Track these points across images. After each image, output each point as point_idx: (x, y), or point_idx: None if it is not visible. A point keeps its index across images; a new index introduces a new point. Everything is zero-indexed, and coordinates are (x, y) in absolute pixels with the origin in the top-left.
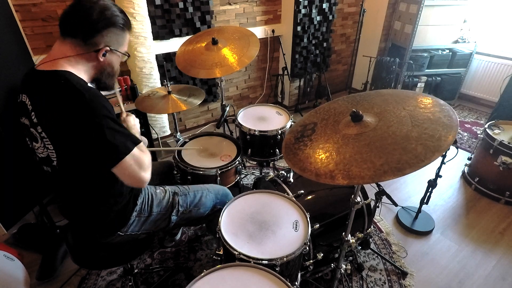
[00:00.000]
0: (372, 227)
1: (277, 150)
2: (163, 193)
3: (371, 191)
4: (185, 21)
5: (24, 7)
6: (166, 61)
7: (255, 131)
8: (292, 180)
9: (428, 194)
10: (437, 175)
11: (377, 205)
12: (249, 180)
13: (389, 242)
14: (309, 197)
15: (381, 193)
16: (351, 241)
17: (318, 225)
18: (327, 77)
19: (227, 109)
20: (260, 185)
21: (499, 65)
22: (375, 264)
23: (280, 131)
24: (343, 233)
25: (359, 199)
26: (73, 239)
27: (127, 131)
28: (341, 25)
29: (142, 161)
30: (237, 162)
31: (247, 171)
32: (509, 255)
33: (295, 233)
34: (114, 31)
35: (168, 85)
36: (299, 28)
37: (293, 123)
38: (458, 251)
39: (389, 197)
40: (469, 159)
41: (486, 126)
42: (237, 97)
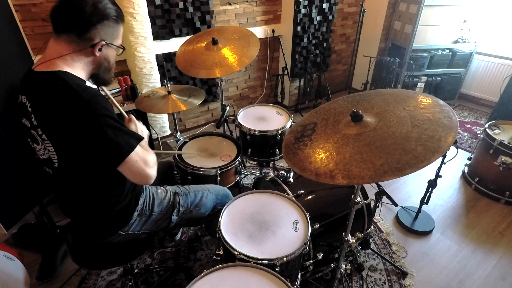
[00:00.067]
0: (372, 227)
1: (277, 150)
2: (164, 193)
3: (371, 191)
4: (185, 21)
5: (24, 7)
6: (166, 61)
7: (255, 131)
8: (292, 180)
9: (428, 194)
10: (437, 175)
11: (377, 205)
12: (249, 180)
13: (389, 242)
14: (309, 197)
15: (381, 193)
16: (351, 241)
17: (318, 225)
18: (327, 77)
19: (227, 109)
20: (260, 185)
21: (499, 65)
22: (375, 264)
23: (280, 131)
24: (343, 233)
25: (359, 199)
26: (73, 239)
27: (128, 129)
28: (341, 25)
29: (147, 157)
30: (237, 162)
31: (247, 171)
32: (509, 255)
33: (295, 233)
34: (108, 24)
35: (168, 85)
36: (299, 28)
37: (293, 123)
38: (458, 251)
39: (389, 197)
40: (469, 159)
41: (486, 126)
42: (237, 97)
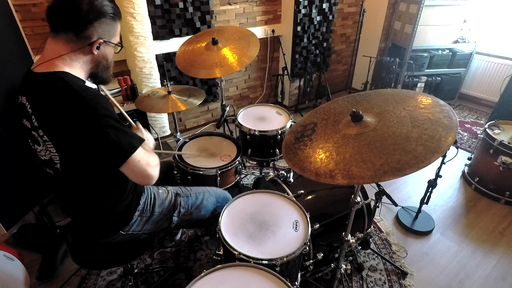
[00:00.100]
0: (372, 227)
1: (277, 150)
2: (165, 193)
3: (371, 191)
4: (185, 21)
5: (24, 7)
6: (166, 61)
7: (255, 131)
8: (292, 180)
9: (428, 194)
10: (437, 175)
11: (377, 205)
12: (249, 180)
13: (389, 242)
14: (309, 197)
15: (381, 193)
16: (351, 241)
17: (318, 225)
18: (327, 77)
19: (227, 109)
20: (260, 185)
21: (499, 65)
22: (375, 264)
23: (280, 131)
24: (343, 233)
25: (359, 199)
26: (73, 239)
27: (130, 130)
28: (341, 25)
29: (149, 158)
30: (237, 162)
31: (247, 171)
32: (509, 255)
33: (295, 233)
34: (105, 22)
35: (168, 85)
36: (299, 28)
37: (293, 123)
38: (458, 251)
39: (389, 197)
40: (469, 159)
41: (486, 126)
42: (237, 97)
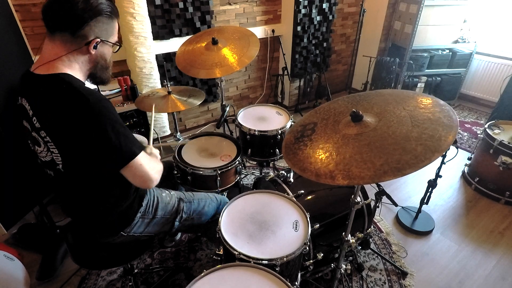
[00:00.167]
0: (372, 227)
1: (277, 150)
2: (168, 197)
3: (371, 191)
4: (185, 21)
5: (24, 7)
6: (166, 61)
7: (255, 131)
8: (292, 180)
9: (428, 194)
10: (437, 175)
11: (377, 205)
12: (249, 180)
13: (389, 242)
14: (309, 197)
15: (381, 193)
16: (351, 241)
17: (318, 225)
18: (327, 77)
19: (227, 109)
20: (260, 185)
21: (499, 65)
22: (375, 264)
23: (280, 131)
24: (343, 233)
25: (359, 199)
26: (74, 239)
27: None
28: (341, 25)
29: (150, 163)
30: (237, 162)
31: (247, 171)
32: (509, 255)
33: (295, 233)
34: (102, 20)
35: (168, 85)
36: (299, 28)
37: (293, 123)
38: (458, 251)
39: (389, 197)
40: (469, 159)
41: (486, 126)
42: (237, 97)
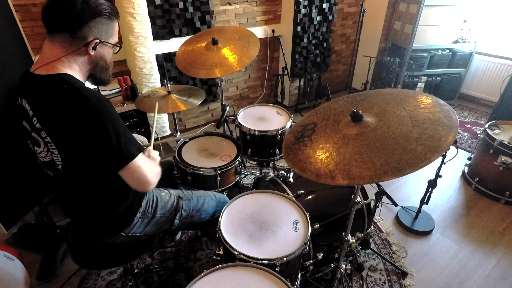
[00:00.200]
0: (372, 227)
1: (277, 150)
2: (168, 196)
3: (371, 191)
4: (185, 21)
5: (24, 7)
6: (166, 61)
7: (255, 131)
8: (292, 180)
9: (428, 194)
10: (437, 175)
11: (377, 205)
12: (249, 180)
13: (389, 242)
14: (309, 197)
15: (381, 193)
16: (351, 241)
17: (318, 225)
18: (327, 77)
19: (227, 109)
20: (260, 185)
21: (499, 65)
22: (375, 264)
23: (280, 131)
24: (343, 233)
25: (359, 199)
26: (74, 239)
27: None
28: (341, 25)
29: (148, 166)
30: (237, 162)
31: (247, 171)
32: (509, 255)
33: (295, 233)
34: (101, 21)
35: (168, 85)
36: (299, 28)
37: (293, 123)
38: (458, 251)
39: (389, 197)
40: (469, 159)
41: (486, 126)
42: (237, 97)
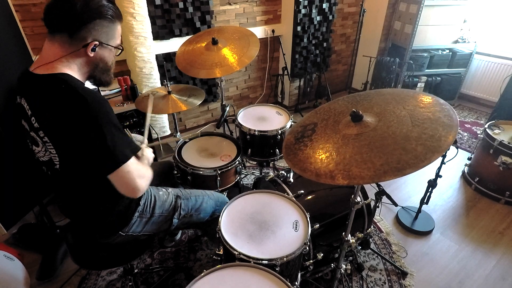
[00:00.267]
0: (372, 227)
1: (277, 150)
2: (166, 195)
3: (371, 191)
4: (185, 21)
5: (24, 7)
6: (166, 61)
7: (255, 131)
8: (292, 180)
9: (428, 194)
10: (437, 175)
11: (377, 205)
12: (249, 180)
13: (389, 242)
14: (309, 197)
15: (381, 193)
16: (351, 241)
17: (318, 225)
18: (327, 77)
19: (227, 109)
20: (260, 185)
21: (499, 65)
22: (375, 264)
23: (280, 131)
24: (343, 233)
25: (359, 199)
26: (73, 239)
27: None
28: (341, 25)
29: (139, 171)
30: (237, 162)
31: (247, 171)
32: (509, 255)
33: (295, 233)
34: (101, 23)
35: (168, 85)
36: (299, 28)
37: (293, 123)
38: (458, 251)
39: (389, 197)
40: (469, 159)
41: (486, 126)
42: (237, 97)
